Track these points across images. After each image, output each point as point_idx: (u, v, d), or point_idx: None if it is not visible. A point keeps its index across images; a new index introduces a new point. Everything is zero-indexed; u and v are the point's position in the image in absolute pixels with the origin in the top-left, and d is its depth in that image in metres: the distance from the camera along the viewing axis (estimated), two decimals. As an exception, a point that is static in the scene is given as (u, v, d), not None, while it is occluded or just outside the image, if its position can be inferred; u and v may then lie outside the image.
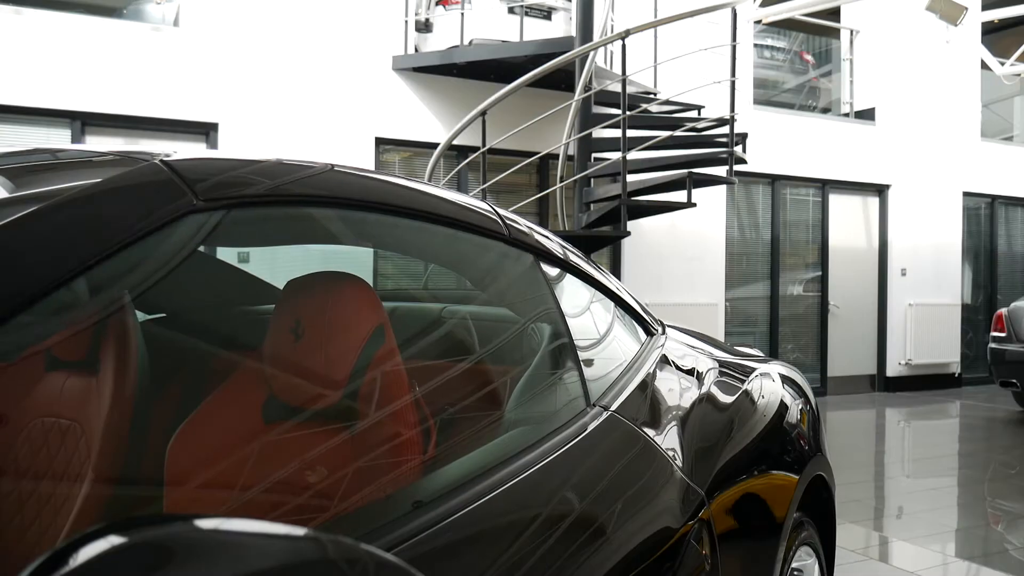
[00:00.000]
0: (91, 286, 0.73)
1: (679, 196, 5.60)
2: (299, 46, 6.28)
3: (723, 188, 7.73)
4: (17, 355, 0.70)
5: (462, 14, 6.34)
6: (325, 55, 6.37)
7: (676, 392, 1.59)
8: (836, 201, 9.02)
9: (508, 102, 5.45)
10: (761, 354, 2.29)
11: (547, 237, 1.44)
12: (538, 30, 6.38)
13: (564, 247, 1.48)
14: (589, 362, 1.50)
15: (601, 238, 5.87)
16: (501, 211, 1.41)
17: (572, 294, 1.54)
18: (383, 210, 1.08)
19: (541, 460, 1.13)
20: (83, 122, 5.72)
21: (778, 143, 8.40)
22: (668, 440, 1.43)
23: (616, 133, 5.48)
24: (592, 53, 5.39)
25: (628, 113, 5.24)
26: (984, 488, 5.18)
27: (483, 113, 5.49)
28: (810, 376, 8.54)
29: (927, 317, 9.28)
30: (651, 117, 6.07)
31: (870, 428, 7.50)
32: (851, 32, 9.31)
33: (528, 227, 1.39)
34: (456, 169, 6.59)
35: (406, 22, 6.61)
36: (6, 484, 1.60)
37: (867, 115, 9.20)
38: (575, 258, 1.48)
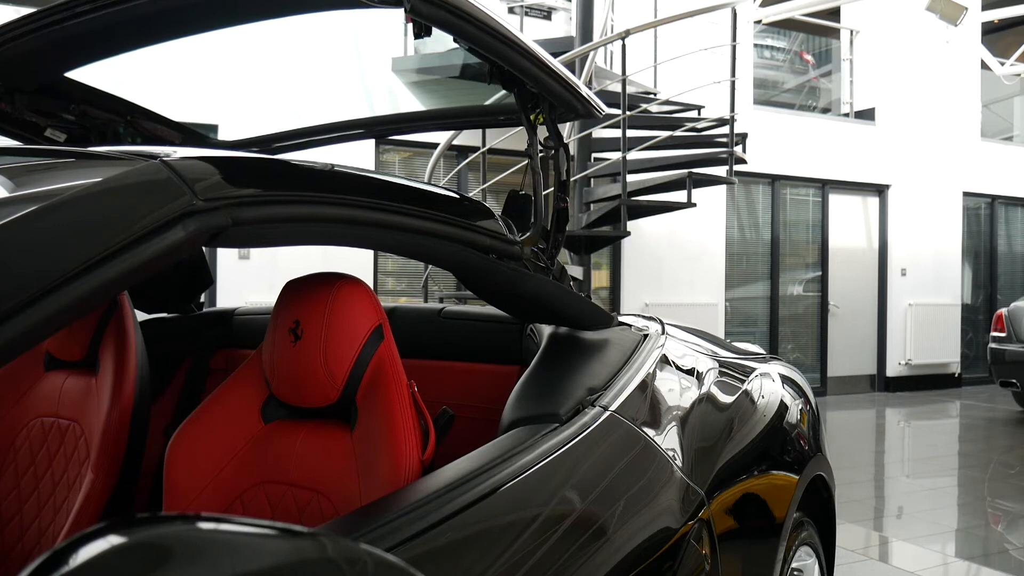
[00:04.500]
0: (91, 286, 0.73)
1: (679, 196, 5.60)
2: (299, 48, 6.28)
3: (723, 188, 7.73)
4: (17, 355, 0.70)
5: (462, 14, 6.33)
6: (325, 56, 6.37)
7: (676, 392, 1.59)
8: (836, 201, 9.02)
9: (508, 102, 5.44)
10: (763, 351, 2.29)
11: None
12: (538, 30, 6.38)
13: None
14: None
15: (601, 238, 5.87)
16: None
17: None
18: (383, 210, 1.08)
19: (541, 460, 1.13)
20: (83, 122, 5.72)
21: (778, 143, 8.40)
22: (668, 440, 1.43)
23: (616, 133, 5.48)
24: (592, 53, 5.39)
25: (628, 113, 5.24)
26: (984, 488, 5.18)
27: (483, 113, 5.48)
28: (810, 376, 8.54)
29: (927, 317, 9.28)
30: (651, 117, 6.07)
31: (870, 428, 7.50)
32: (851, 32, 9.31)
33: None
34: (456, 169, 6.59)
35: (406, 24, 6.60)
36: (6, 484, 1.60)
37: (867, 115, 9.20)
38: None
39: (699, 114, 6.25)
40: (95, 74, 1.69)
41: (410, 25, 1.20)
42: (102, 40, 1.39)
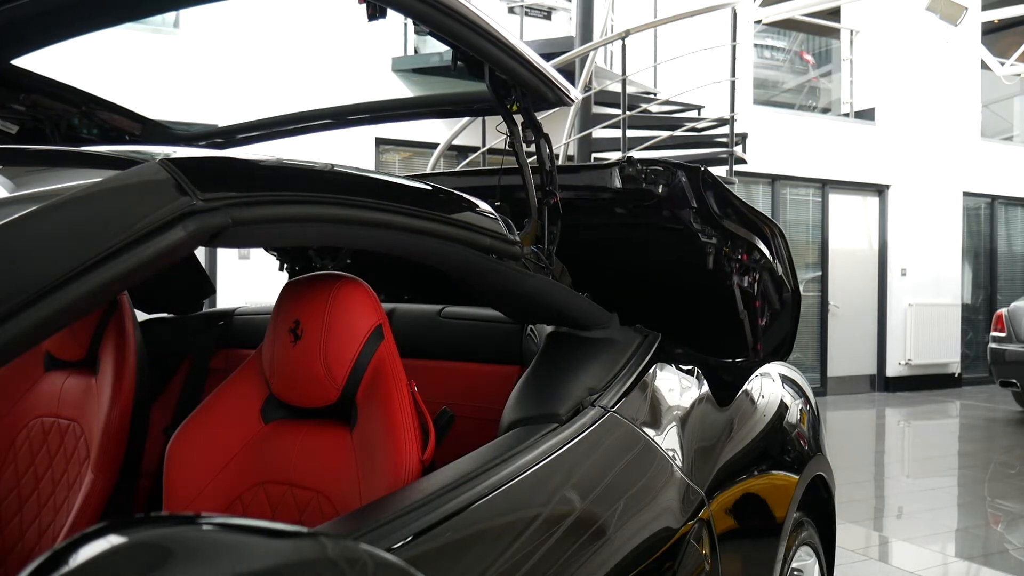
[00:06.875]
0: (91, 286, 0.73)
1: (679, 196, 5.59)
2: (299, 48, 6.28)
3: (723, 188, 7.72)
4: (17, 355, 0.70)
5: (462, 14, 6.33)
6: (325, 57, 6.37)
7: (676, 392, 1.59)
8: (836, 201, 9.02)
9: (508, 102, 5.45)
10: None
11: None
12: (538, 30, 6.39)
13: None
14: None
15: (601, 238, 5.86)
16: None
17: None
18: (383, 210, 1.08)
19: (541, 460, 1.13)
20: (83, 122, 5.71)
21: (778, 143, 8.40)
22: (668, 440, 1.43)
23: (616, 133, 5.48)
24: (592, 53, 5.39)
25: (628, 113, 5.24)
26: (984, 488, 5.18)
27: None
28: (810, 376, 8.54)
29: (927, 317, 9.28)
30: (651, 117, 6.07)
31: (870, 428, 7.50)
32: (851, 32, 9.31)
33: None
34: (456, 169, 6.59)
35: (405, 24, 6.61)
36: (6, 484, 1.60)
37: (867, 115, 9.20)
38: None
39: (699, 114, 6.25)
40: (97, 75, 1.67)
41: (411, 26, 1.17)
42: (49, 24, 1.31)
